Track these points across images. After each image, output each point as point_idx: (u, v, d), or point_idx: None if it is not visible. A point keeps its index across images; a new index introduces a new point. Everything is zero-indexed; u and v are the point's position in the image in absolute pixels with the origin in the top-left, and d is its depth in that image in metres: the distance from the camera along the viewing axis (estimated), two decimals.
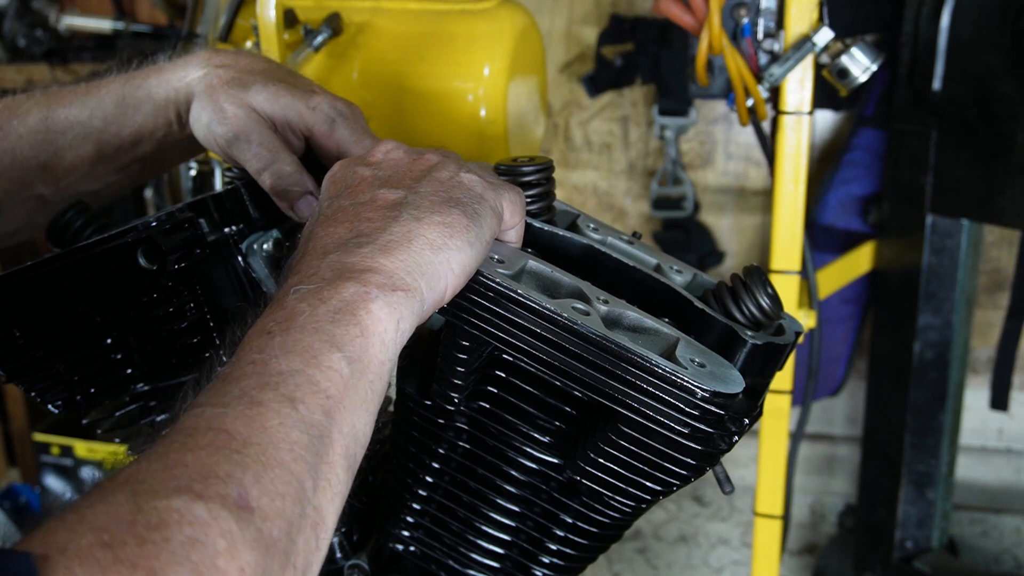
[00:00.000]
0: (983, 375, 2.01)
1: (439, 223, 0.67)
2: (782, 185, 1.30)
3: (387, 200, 0.68)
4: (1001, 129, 1.51)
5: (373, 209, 0.68)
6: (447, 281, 0.66)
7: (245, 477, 0.51)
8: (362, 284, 0.61)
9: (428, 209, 0.67)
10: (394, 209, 0.67)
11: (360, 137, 0.87)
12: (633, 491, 0.76)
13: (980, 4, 1.53)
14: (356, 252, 0.64)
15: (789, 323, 0.79)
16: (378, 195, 0.69)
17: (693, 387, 0.68)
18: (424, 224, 0.66)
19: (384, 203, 0.68)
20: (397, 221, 0.66)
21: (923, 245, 1.69)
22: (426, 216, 0.67)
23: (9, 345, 0.81)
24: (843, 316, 1.98)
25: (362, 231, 0.66)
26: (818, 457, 2.21)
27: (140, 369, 0.86)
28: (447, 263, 0.66)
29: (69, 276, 0.78)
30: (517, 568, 0.88)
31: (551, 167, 0.81)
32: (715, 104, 2.03)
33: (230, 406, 0.54)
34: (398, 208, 0.67)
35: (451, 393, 0.80)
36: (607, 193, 2.14)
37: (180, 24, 2.06)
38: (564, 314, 0.69)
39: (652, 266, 0.83)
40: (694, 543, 2.34)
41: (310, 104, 0.87)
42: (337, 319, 0.60)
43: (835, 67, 1.27)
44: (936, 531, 1.82)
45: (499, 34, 1.29)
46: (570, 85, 2.07)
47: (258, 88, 0.87)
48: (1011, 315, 1.82)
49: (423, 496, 0.88)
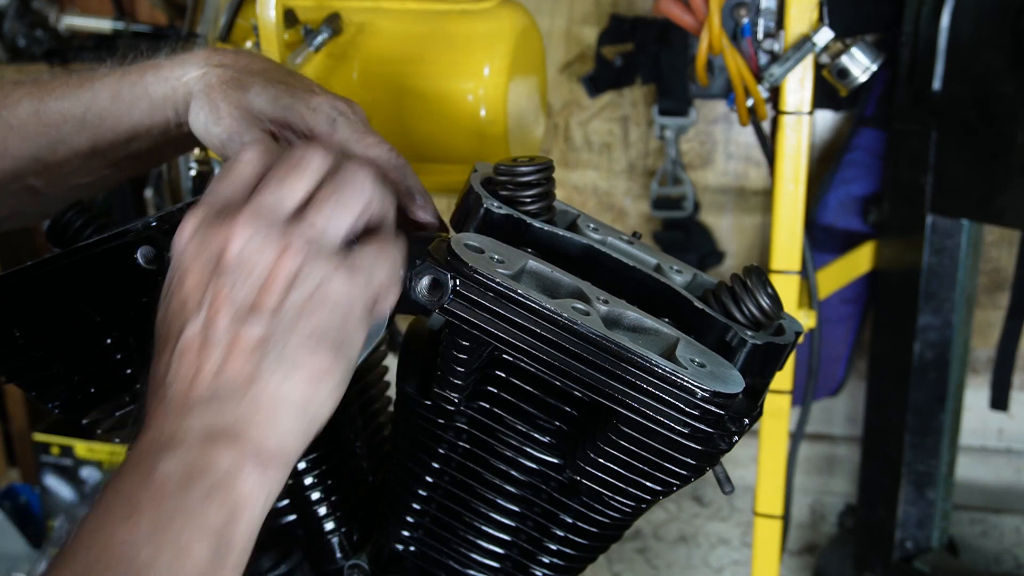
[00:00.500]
0: (983, 375, 2.01)
1: (307, 377, 0.63)
2: (782, 185, 1.30)
3: (249, 341, 0.62)
4: (1001, 129, 1.51)
5: (235, 352, 0.62)
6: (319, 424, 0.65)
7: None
8: (235, 458, 0.60)
9: (293, 358, 0.63)
10: (257, 353, 0.62)
11: (362, 136, 0.87)
12: (633, 491, 0.76)
13: (980, 4, 1.53)
14: (224, 412, 0.61)
15: (789, 323, 0.79)
16: (240, 335, 0.62)
17: (693, 387, 0.68)
18: (292, 380, 0.63)
19: (246, 345, 0.62)
20: (262, 377, 0.62)
21: (923, 245, 1.69)
22: (292, 371, 0.63)
23: (9, 345, 0.81)
24: (843, 316, 1.98)
25: (227, 381, 0.62)
26: (818, 457, 2.21)
27: (140, 369, 0.86)
28: (318, 413, 0.64)
29: (69, 276, 0.78)
30: (517, 568, 0.88)
31: (551, 167, 0.81)
32: (715, 104, 2.03)
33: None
34: (261, 352, 0.62)
35: (451, 393, 0.80)
36: (607, 193, 2.14)
37: (180, 24, 2.06)
38: (564, 314, 0.69)
39: (652, 266, 0.83)
40: (694, 543, 2.34)
41: (311, 105, 0.86)
42: (210, 497, 0.58)
43: (835, 67, 1.27)
44: (936, 531, 1.82)
45: (499, 34, 1.29)
46: (570, 85, 2.07)
47: (257, 90, 0.86)
48: (1011, 315, 1.82)
49: (423, 496, 0.88)
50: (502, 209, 0.79)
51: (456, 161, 1.31)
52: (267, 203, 0.66)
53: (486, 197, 0.79)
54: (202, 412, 0.61)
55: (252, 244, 0.64)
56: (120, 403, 0.90)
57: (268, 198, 0.66)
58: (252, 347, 0.62)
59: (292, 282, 0.64)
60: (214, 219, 0.65)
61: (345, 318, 0.66)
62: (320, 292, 0.65)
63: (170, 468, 0.58)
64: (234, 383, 0.62)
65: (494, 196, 0.80)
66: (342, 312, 0.66)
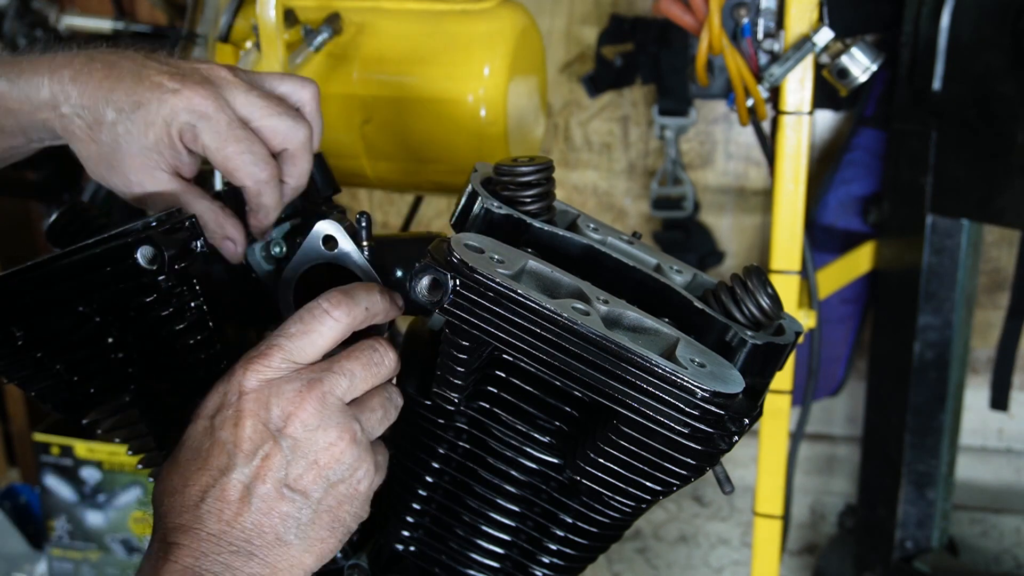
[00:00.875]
0: (983, 375, 2.01)
1: (319, 553, 0.74)
2: (782, 185, 1.30)
3: (286, 514, 0.73)
4: (1001, 129, 1.51)
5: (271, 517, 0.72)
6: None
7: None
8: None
9: (317, 535, 0.74)
10: (291, 523, 0.73)
11: (222, 144, 0.82)
12: (633, 491, 0.76)
13: (980, 4, 1.53)
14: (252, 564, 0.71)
15: (789, 323, 0.79)
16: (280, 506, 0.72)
17: (693, 387, 0.68)
18: (311, 553, 0.74)
19: (283, 514, 0.72)
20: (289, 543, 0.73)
21: (923, 245, 1.69)
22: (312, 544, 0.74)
23: (9, 345, 0.81)
24: (843, 316, 1.98)
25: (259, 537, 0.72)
26: (818, 457, 2.21)
27: (140, 369, 0.86)
28: (311, 565, 0.74)
29: (69, 276, 0.78)
30: (517, 568, 0.88)
31: (551, 167, 0.81)
32: (715, 104, 2.03)
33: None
34: (295, 524, 0.73)
35: (451, 393, 0.80)
36: (607, 193, 2.14)
37: (180, 24, 2.06)
38: (564, 314, 0.69)
39: (652, 266, 0.83)
40: (694, 543, 2.34)
41: (163, 116, 0.82)
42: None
43: (835, 67, 1.27)
44: (936, 531, 1.82)
45: (499, 34, 1.29)
46: (570, 85, 2.07)
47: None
48: (1011, 315, 1.82)
49: (423, 496, 0.88)
50: (502, 209, 0.79)
51: (456, 161, 1.31)
52: (337, 391, 0.75)
53: (486, 197, 0.79)
54: (233, 557, 0.70)
55: (313, 428, 0.73)
56: (120, 403, 0.90)
57: (339, 385, 0.75)
58: (286, 517, 0.72)
59: (338, 474, 0.74)
60: (285, 382, 0.73)
61: (362, 507, 0.77)
62: (354, 485, 0.75)
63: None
64: (265, 540, 0.72)
65: (494, 196, 0.80)
66: (361, 503, 0.77)
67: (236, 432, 0.72)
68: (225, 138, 0.82)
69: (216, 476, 0.72)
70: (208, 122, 0.82)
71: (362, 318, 0.78)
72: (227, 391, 0.74)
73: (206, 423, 0.74)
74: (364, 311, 0.78)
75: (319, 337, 0.75)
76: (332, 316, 0.76)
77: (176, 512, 0.71)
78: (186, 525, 0.70)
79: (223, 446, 0.72)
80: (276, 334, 0.75)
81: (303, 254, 0.86)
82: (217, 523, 0.70)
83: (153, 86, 0.82)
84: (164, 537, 0.71)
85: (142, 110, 0.82)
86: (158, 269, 0.78)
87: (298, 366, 0.74)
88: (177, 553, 0.69)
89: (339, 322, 0.76)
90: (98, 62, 0.84)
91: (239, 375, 0.74)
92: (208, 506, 0.71)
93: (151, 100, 0.82)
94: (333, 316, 0.76)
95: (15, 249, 2.48)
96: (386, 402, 0.79)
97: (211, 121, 0.82)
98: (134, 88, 0.82)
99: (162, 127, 0.82)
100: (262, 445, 0.72)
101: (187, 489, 0.72)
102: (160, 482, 0.74)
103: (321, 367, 0.75)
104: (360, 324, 0.78)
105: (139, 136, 0.82)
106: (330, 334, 0.76)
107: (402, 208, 2.19)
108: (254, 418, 0.72)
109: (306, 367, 0.75)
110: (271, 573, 0.71)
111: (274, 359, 0.74)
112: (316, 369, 0.75)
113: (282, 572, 0.72)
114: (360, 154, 1.36)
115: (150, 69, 0.83)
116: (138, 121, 0.82)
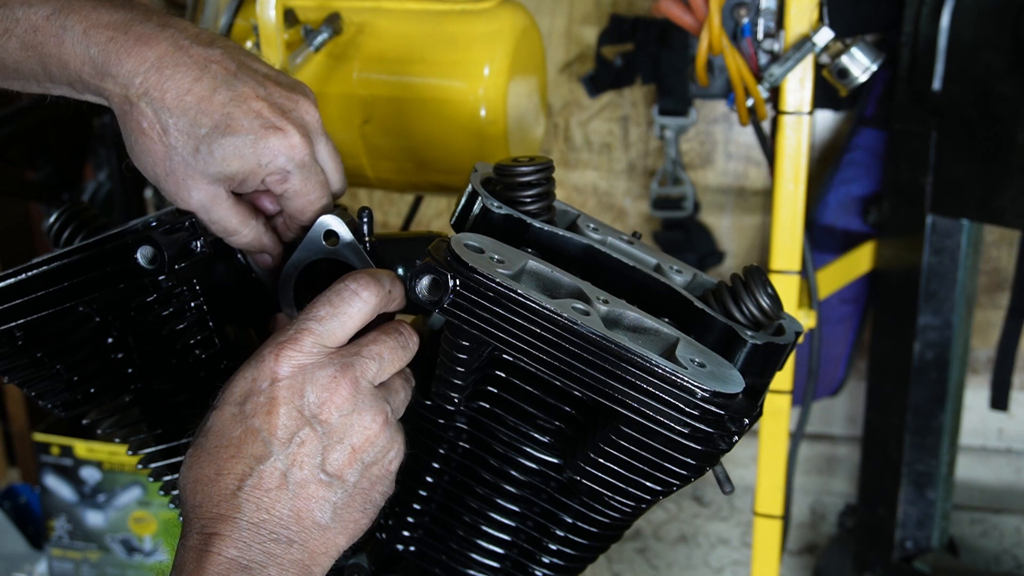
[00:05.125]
0: (983, 375, 2.01)
1: (352, 532, 0.75)
2: (782, 185, 1.30)
3: (323, 500, 0.73)
4: (1001, 129, 1.51)
5: (311, 503, 0.73)
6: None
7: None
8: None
9: (351, 517, 0.75)
10: (323, 505, 0.73)
11: (309, 191, 0.83)
12: (633, 491, 0.76)
13: (980, 4, 1.53)
14: (292, 550, 0.72)
15: (789, 323, 0.79)
16: (318, 491, 0.73)
17: (693, 387, 0.68)
18: (345, 533, 0.75)
19: (320, 499, 0.73)
20: (327, 527, 0.73)
21: (923, 245, 1.69)
22: (347, 526, 0.75)
23: (9, 345, 0.81)
24: (843, 316, 1.98)
25: (299, 523, 0.72)
26: (818, 457, 2.21)
27: (140, 369, 0.86)
28: (344, 546, 0.76)
29: (69, 276, 0.78)
30: (517, 568, 0.88)
31: (551, 167, 0.81)
32: (715, 104, 2.03)
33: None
34: (331, 508, 0.73)
35: (451, 393, 0.80)
36: (607, 193, 2.14)
37: None
38: (564, 314, 0.69)
39: (652, 266, 0.83)
40: (694, 543, 2.34)
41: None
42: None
43: (835, 67, 1.27)
44: (936, 531, 1.82)
45: (499, 34, 1.29)
46: (570, 85, 2.07)
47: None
48: (1011, 315, 1.82)
49: (423, 496, 0.88)
50: (502, 209, 0.79)
51: (456, 161, 1.31)
52: (368, 375, 0.75)
53: (486, 197, 0.79)
54: (274, 545, 0.71)
55: (347, 412, 0.73)
56: (120, 403, 0.90)
57: (370, 369, 0.75)
58: (323, 502, 0.73)
59: (372, 456, 0.75)
60: (318, 368, 0.73)
61: (391, 486, 0.78)
62: (386, 465, 0.76)
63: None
64: (303, 526, 0.72)
65: (494, 196, 0.80)
66: (391, 482, 0.78)
67: (270, 420, 0.71)
68: (313, 186, 0.83)
69: (252, 464, 0.71)
70: (303, 171, 0.81)
71: (386, 300, 0.77)
72: (257, 377, 0.73)
73: (234, 410, 0.73)
74: (387, 293, 0.77)
75: (348, 320, 0.75)
76: (361, 297, 0.75)
77: (213, 501, 0.71)
78: (225, 515, 0.70)
79: (256, 433, 0.71)
80: (305, 317, 0.74)
81: (304, 249, 0.86)
82: (256, 511, 0.70)
83: (251, 114, 0.78)
84: (203, 528, 0.70)
85: (233, 137, 0.77)
86: (158, 269, 0.78)
87: (328, 350, 0.74)
88: (220, 544, 0.69)
89: (367, 303, 0.75)
90: (186, 55, 0.77)
91: (270, 361, 0.72)
92: (246, 495, 0.70)
93: (247, 131, 0.77)
94: (362, 297, 0.75)
95: (15, 249, 2.48)
96: (406, 383, 0.79)
97: (306, 171, 0.81)
98: (228, 110, 0.77)
99: (253, 163, 0.78)
100: (298, 432, 0.72)
101: (221, 478, 0.71)
102: (188, 469, 0.73)
103: (351, 351, 0.75)
104: (383, 307, 0.77)
105: (220, 160, 0.78)
106: (359, 316, 0.75)
107: (402, 208, 2.19)
108: (288, 405, 0.72)
109: (336, 351, 0.74)
110: (310, 557, 0.72)
111: (305, 343, 0.73)
112: (347, 353, 0.74)
113: (319, 556, 0.73)
114: (360, 154, 1.36)
115: (245, 84, 0.78)
116: (226, 147, 0.77)
